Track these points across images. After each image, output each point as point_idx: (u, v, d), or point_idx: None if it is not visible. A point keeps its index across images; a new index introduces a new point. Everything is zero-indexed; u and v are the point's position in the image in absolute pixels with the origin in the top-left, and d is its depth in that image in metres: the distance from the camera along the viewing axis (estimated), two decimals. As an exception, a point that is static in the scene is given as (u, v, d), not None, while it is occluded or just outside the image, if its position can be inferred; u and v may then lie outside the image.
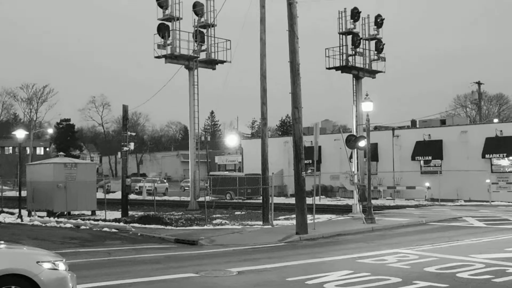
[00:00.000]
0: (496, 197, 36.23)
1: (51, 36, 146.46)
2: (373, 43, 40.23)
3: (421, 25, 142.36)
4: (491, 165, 38.80)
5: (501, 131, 38.59)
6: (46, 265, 7.80)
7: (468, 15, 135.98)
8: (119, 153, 35.84)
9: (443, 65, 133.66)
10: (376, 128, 45.07)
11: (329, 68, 38.81)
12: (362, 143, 24.13)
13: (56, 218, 25.91)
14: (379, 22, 39.92)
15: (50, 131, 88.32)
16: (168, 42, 34.38)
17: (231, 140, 69.22)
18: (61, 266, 8.02)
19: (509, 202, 35.49)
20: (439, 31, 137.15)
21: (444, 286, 10.54)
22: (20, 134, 29.25)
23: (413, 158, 41.82)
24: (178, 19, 34.72)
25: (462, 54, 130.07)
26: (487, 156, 38.55)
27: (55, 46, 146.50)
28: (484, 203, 35.06)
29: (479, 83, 61.00)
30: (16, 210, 27.88)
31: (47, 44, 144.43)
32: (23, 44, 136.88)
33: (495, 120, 57.83)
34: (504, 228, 20.89)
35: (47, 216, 27.37)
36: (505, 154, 37.98)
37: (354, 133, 31.34)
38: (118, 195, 36.96)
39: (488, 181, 36.26)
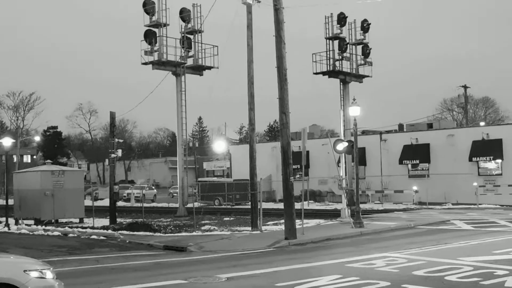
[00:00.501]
0: (483, 200, 36.51)
1: (36, 42, 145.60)
2: (359, 47, 40.48)
3: (409, 31, 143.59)
4: (478, 168, 39.12)
5: (487, 134, 38.94)
6: (33, 274, 7.73)
7: (456, 22, 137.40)
8: (106, 160, 35.69)
9: (430, 70, 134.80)
10: (364, 133, 45.30)
11: (316, 73, 38.99)
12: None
13: (43, 226, 25.67)
14: (365, 27, 40.18)
15: (37, 138, 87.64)
16: (155, 48, 34.32)
17: (219, 146, 69.14)
18: (49, 274, 7.95)
19: (496, 205, 35.79)
20: (426, 37, 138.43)
21: (433, 289, 10.59)
22: (6, 142, 28.99)
23: (400, 162, 42.04)
24: (165, 25, 34.68)
25: (449, 59, 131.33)
26: (474, 159, 38.86)
27: (40, 52, 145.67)
28: (472, 206, 35.31)
29: (465, 87, 61.57)
30: (3, 219, 27.58)
31: (31, 50, 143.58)
32: (7, 50, 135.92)
33: (482, 124, 58.41)
34: (491, 231, 21.06)
35: (34, 224, 27.11)
36: (491, 157, 38.31)
37: (342, 138, 31.48)
38: (106, 202, 36.72)
39: (475, 184, 36.53)
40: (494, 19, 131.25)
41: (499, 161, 38.27)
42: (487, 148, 38.38)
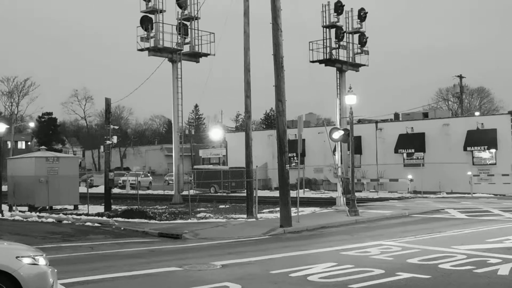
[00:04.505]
0: (477, 189, 36.67)
1: (31, 27, 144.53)
2: (356, 36, 40.26)
3: (403, 20, 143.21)
4: (473, 157, 39.24)
5: (482, 123, 39.01)
6: (26, 260, 7.69)
7: (450, 10, 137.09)
8: (102, 147, 35.58)
9: (426, 60, 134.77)
10: (360, 121, 45.30)
11: (313, 61, 38.79)
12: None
13: (37, 213, 25.63)
14: (362, 15, 39.97)
15: (32, 125, 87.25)
16: (152, 34, 34.06)
17: (215, 133, 69.04)
18: (41, 261, 7.91)
19: (490, 194, 35.96)
20: (421, 25, 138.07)
21: (427, 277, 10.62)
22: (0, 127, 28.84)
23: (396, 151, 42.12)
24: (161, 11, 34.40)
25: (444, 49, 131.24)
26: (468, 148, 38.97)
27: (35, 38, 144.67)
28: (466, 195, 35.46)
29: (460, 77, 61.57)
30: (-3, 205, 27.51)
31: (26, 35, 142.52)
32: (1, 36, 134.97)
33: (477, 113, 58.46)
34: (485, 219, 21.15)
35: (28, 211, 27.06)
36: (486, 147, 38.43)
37: (338, 126, 31.44)
38: (101, 189, 36.67)
39: (469, 173, 36.66)
40: (485, 9, 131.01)
41: (493, 150, 38.39)
42: (482, 138, 38.49)
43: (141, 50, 34.42)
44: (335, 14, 38.65)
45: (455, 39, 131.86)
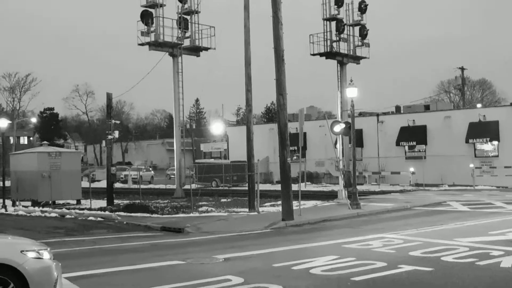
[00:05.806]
0: (479, 182, 36.65)
1: (32, 22, 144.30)
2: (357, 29, 40.20)
3: (404, 12, 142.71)
4: (475, 149, 39.20)
5: (484, 116, 38.94)
6: (31, 254, 7.72)
7: (452, 1, 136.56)
8: (103, 142, 35.59)
9: (427, 52, 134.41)
10: (361, 114, 45.26)
11: (314, 54, 38.75)
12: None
13: (41, 208, 25.73)
14: (363, 8, 39.88)
15: (34, 120, 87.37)
16: (152, 29, 34.05)
17: (216, 127, 69.05)
18: (46, 255, 7.94)
19: (492, 186, 35.95)
20: (422, 17, 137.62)
21: (429, 270, 10.65)
22: (3, 123, 28.84)
23: (397, 144, 42.09)
24: (161, 5, 34.37)
25: (446, 41, 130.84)
26: (470, 141, 38.93)
27: (36, 33, 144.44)
28: (468, 188, 35.46)
29: (462, 69, 61.52)
30: (0, 200, 27.59)
31: (27, 30, 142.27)
32: (1, 31, 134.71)
33: (478, 105, 58.32)
34: (487, 212, 21.16)
35: (31, 205, 27.15)
36: (488, 139, 38.38)
37: (339, 119, 31.44)
38: (103, 184, 36.76)
39: (471, 165, 36.63)
40: (489, 1, 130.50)
41: (495, 142, 38.33)
42: (484, 130, 38.43)
43: (142, 44, 34.44)
44: (336, 6, 38.58)
45: (457, 31, 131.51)
